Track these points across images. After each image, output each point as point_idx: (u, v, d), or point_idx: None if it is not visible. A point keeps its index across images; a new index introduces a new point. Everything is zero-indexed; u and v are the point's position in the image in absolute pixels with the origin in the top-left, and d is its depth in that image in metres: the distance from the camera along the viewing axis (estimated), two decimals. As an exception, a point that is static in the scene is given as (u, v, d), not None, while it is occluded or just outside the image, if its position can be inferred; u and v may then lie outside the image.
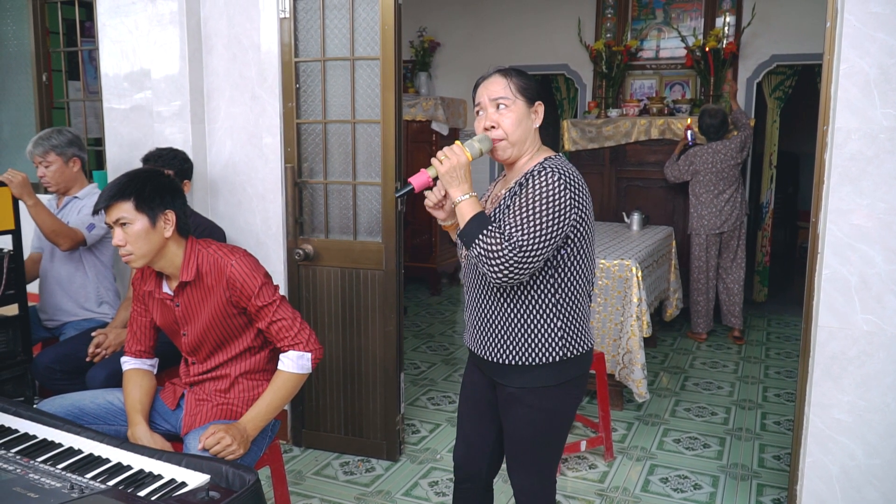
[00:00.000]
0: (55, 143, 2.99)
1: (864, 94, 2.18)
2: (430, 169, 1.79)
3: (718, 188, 4.96)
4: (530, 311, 1.80)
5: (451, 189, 1.76)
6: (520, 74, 1.83)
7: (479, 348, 1.89)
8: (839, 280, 2.27)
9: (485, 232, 1.69)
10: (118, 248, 2.07)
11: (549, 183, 1.71)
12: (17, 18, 4.14)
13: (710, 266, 5.11)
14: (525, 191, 1.73)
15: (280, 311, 2.14)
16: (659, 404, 3.97)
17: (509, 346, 1.82)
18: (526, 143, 1.84)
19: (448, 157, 1.75)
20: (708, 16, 5.82)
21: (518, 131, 1.81)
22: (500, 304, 1.82)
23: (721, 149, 4.94)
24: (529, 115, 1.83)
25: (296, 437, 3.36)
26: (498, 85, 1.81)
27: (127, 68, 3.36)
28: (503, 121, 1.80)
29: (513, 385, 1.84)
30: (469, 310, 1.93)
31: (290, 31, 3.07)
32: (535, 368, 1.82)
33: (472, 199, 1.75)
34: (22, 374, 2.81)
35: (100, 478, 1.52)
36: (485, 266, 1.69)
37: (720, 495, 2.98)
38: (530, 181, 1.74)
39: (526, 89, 1.81)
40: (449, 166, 1.74)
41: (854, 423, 2.31)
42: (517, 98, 1.80)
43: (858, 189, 2.22)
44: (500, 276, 1.68)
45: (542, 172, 1.73)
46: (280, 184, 3.19)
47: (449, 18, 6.67)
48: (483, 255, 1.68)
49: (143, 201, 2.05)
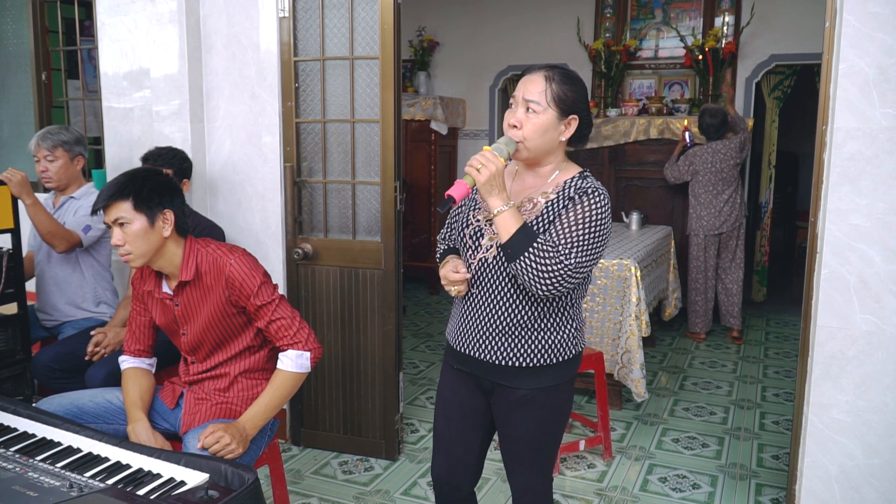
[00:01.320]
0: (64, 139, 3.00)
1: (864, 94, 2.18)
2: (467, 178, 1.70)
3: (717, 188, 4.97)
4: (551, 315, 1.81)
5: (490, 198, 1.70)
6: (564, 81, 1.75)
7: (483, 353, 1.84)
8: (838, 280, 2.27)
9: (535, 246, 1.66)
10: (117, 247, 2.07)
11: (602, 205, 1.73)
12: (17, 17, 4.14)
13: (709, 266, 5.11)
14: (579, 208, 1.72)
15: (279, 311, 2.14)
16: (658, 404, 3.97)
17: (524, 349, 1.81)
18: (546, 153, 1.80)
19: (485, 166, 1.67)
20: (707, 15, 5.82)
21: (539, 140, 1.76)
22: (520, 309, 1.80)
23: (721, 148, 4.94)
24: (558, 126, 1.76)
25: (295, 437, 3.36)
26: (536, 86, 1.74)
27: (126, 67, 3.36)
28: (527, 124, 1.74)
29: (524, 387, 1.83)
30: (472, 315, 1.86)
31: (289, 31, 3.07)
32: (547, 368, 1.82)
33: (513, 209, 1.70)
34: (21, 372, 2.81)
35: (99, 476, 1.52)
36: (532, 279, 1.67)
37: (719, 495, 2.98)
38: (585, 200, 1.72)
39: (563, 100, 1.74)
40: (488, 175, 1.67)
41: (853, 422, 2.31)
42: (549, 107, 1.73)
43: (857, 189, 2.22)
44: (548, 289, 1.68)
45: (595, 194, 1.73)
46: (279, 183, 3.19)
47: (448, 18, 6.67)
48: (532, 269, 1.66)
49: (141, 201, 2.05)
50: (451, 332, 1.94)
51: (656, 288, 4.54)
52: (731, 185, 4.98)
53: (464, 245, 1.89)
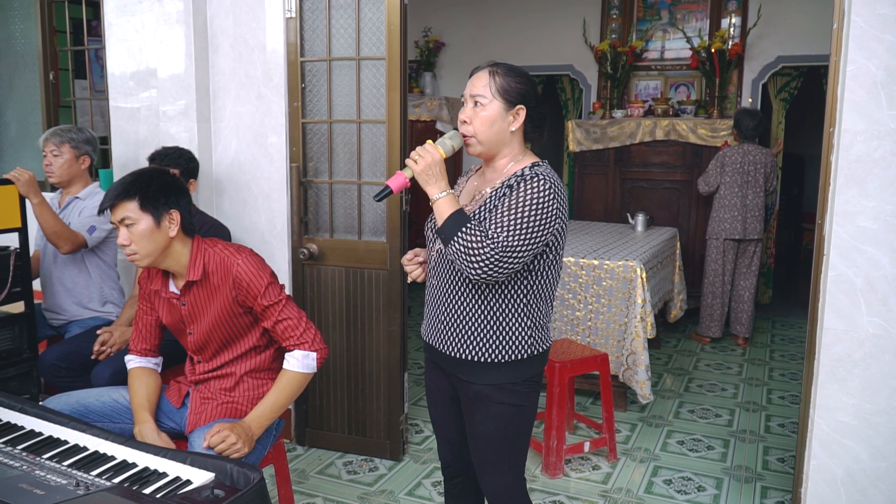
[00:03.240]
0: (73, 136, 3.04)
1: (871, 96, 2.17)
2: (406, 170, 1.80)
3: (743, 190, 4.90)
4: (501, 310, 1.82)
5: (427, 187, 1.76)
6: (507, 74, 1.80)
7: (442, 344, 1.89)
8: (845, 282, 2.27)
9: (464, 229, 1.70)
10: (123, 247, 2.08)
11: (540, 190, 1.72)
12: (25, 17, 4.16)
13: (727, 270, 5.06)
14: (514, 193, 1.74)
15: (286, 311, 2.15)
16: (663, 406, 3.97)
17: (477, 343, 1.83)
18: (499, 145, 1.83)
19: (422, 157, 1.76)
20: (713, 17, 5.80)
21: (488, 132, 1.80)
22: (470, 301, 1.83)
23: (752, 150, 4.90)
24: (506, 117, 1.80)
25: (299, 437, 3.36)
26: (481, 81, 1.80)
27: (133, 67, 3.37)
28: (475, 119, 1.80)
29: (479, 382, 1.85)
30: (433, 305, 1.92)
31: (295, 31, 3.08)
32: (501, 366, 1.83)
33: (450, 196, 1.76)
34: (27, 371, 2.82)
35: (105, 475, 1.52)
36: (464, 263, 1.70)
37: (724, 497, 2.97)
38: (522, 185, 1.75)
39: (507, 91, 1.78)
40: (423, 165, 1.75)
41: (859, 425, 2.30)
42: (495, 98, 1.78)
43: (865, 191, 2.21)
44: (478, 273, 1.69)
45: (535, 179, 1.74)
46: (285, 183, 3.19)
47: (454, 18, 6.67)
48: (462, 252, 1.69)
49: (147, 201, 2.05)
50: (423, 322, 2.00)
51: (662, 289, 4.53)
52: (756, 192, 4.91)
53: (427, 238, 1.96)
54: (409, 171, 1.79)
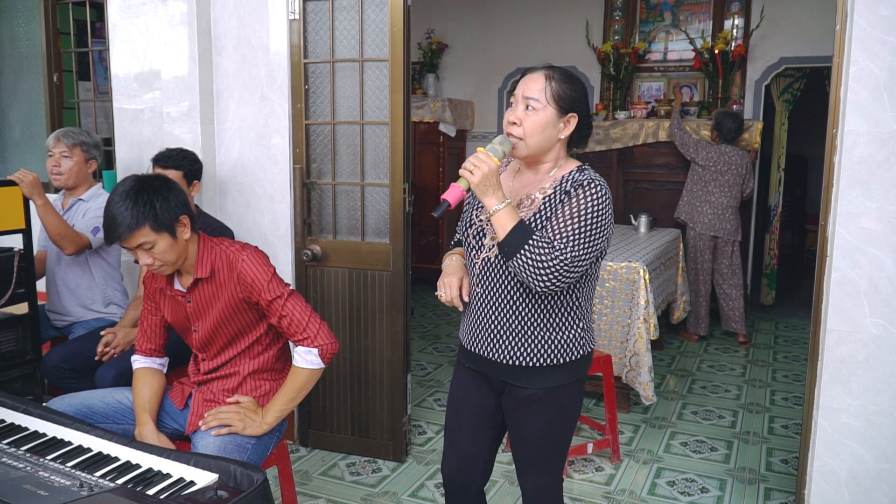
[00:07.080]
0: (84, 139, 3.06)
1: (874, 97, 2.17)
2: (461, 181, 1.73)
3: (709, 188, 4.96)
4: (557, 313, 1.81)
5: (485, 198, 1.71)
6: (563, 80, 1.76)
7: (493, 352, 1.86)
8: (848, 283, 2.26)
9: (531, 242, 1.67)
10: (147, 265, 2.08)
11: (598, 196, 1.71)
12: (29, 19, 4.17)
13: (706, 269, 5.11)
14: (574, 201, 1.72)
15: (288, 306, 2.14)
16: (666, 407, 3.96)
17: (533, 349, 1.81)
18: (546, 150, 1.81)
19: (478, 167, 1.70)
20: (716, 18, 5.80)
21: (538, 137, 1.77)
22: (526, 307, 1.81)
23: (729, 151, 4.94)
24: (557, 123, 1.77)
25: (302, 438, 3.36)
26: (536, 84, 1.76)
27: (137, 69, 3.38)
28: (526, 121, 1.76)
29: (533, 386, 1.84)
30: (480, 314, 1.88)
31: (299, 33, 3.08)
32: (556, 368, 1.83)
33: (509, 207, 1.71)
34: (31, 372, 2.83)
35: (109, 476, 1.52)
36: (531, 276, 1.68)
37: (727, 499, 2.97)
38: (581, 192, 1.72)
39: (562, 98, 1.75)
40: (481, 176, 1.69)
41: (863, 427, 2.30)
42: (549, 104, 1.75)
43: (868, 192, 2.21)
44: (545, 285, 1.68)
45: (591, 185, 1.73)
46: (288, 184, 3.20)
47: (457, 20, 6.67)
48: (529, 265, 1.67)
49: (158, 222, 2.02)
50: (463, 330, 1.96)
51: (665, 291, 4.52)
52: (724, 192, 4.96)
53: (468, 245, 1.91)
54: (465, 183, 1.72)
